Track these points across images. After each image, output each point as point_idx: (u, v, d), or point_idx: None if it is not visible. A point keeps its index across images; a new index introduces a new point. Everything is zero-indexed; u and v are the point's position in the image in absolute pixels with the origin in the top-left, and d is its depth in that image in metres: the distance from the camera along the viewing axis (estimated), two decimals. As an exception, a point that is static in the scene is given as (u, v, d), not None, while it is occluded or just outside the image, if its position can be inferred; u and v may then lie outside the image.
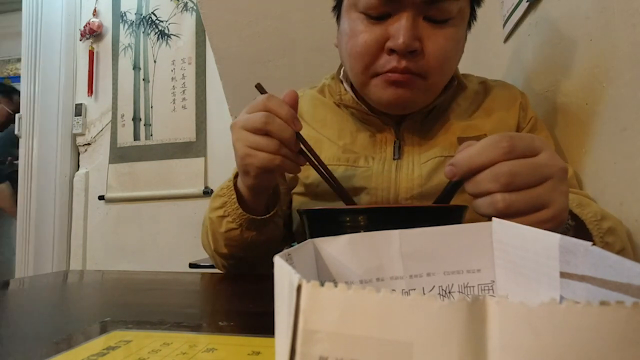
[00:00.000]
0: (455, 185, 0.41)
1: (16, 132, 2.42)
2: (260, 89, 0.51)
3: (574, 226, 0.47)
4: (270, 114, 0.47)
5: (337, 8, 0.62)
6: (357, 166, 0.61)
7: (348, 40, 0.57)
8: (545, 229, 0.36)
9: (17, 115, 2.43)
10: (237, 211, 0.54)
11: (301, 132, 0.49)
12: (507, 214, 0.36)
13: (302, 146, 0.50)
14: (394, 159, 0.61)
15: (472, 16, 0.61)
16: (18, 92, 2.51)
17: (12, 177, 2.45)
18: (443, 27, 0.54)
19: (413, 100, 0.57)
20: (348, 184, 0.61)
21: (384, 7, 0.53)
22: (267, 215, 0.56)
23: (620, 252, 0.47)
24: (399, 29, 0.52)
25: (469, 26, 0.61)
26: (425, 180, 0.58)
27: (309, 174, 0.62)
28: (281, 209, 0.59)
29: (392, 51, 0.53)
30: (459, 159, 0.38)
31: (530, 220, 0.36)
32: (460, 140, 0.60)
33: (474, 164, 0.37)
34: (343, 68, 0.66)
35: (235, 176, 0.56)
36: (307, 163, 0.51)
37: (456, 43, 0.56)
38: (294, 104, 0.49)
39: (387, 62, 0.54)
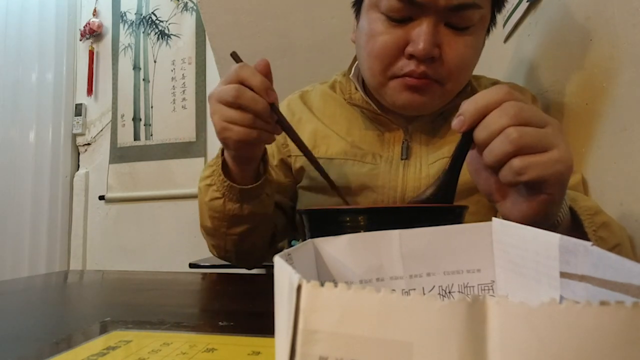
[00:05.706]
0: (465, 138, 0.40)
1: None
2: (235, 57, 0.50)
3: (569, 220, 0.46)
4: (241, 86, 0.47)
5: (357, 4, 0.62)
6: (364, 162, 0.62)
7: (367, 40, 0.57)
8: (556, 171, 0.37)
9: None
10: (220, 178, 0.54)
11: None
12: (521, 145, 0.35)
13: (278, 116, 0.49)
14: (401, 159, 0.62)
15: (492, 22, 0.60)
16: None
17: None
18: (463, 35, 0.54)
19: (427, 105, 0.58)
20: (355, 182, 0.61)
21: (406, 10, 0.53)
22: (251, 186, 0.55)
23: (616, 247, 0.47)
24: (420, 34, 0.52)
25: (488, 32, 0.61)
26: (432, 180, 0.58)
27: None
28: (270, 187, 0.59)
29: (411, 56, 0.53)
30: (465, 107, 0.38)
31: (544, 159, 0.36)
32: None
33: (480, 105, 0.37)
34: (354, 66, 0.67)
35: None
36: (284, 132, 0.51)
37: (475, 50, 0.57)
38: (267, 73, 0.49)
39: (406, 65, 0.54)
